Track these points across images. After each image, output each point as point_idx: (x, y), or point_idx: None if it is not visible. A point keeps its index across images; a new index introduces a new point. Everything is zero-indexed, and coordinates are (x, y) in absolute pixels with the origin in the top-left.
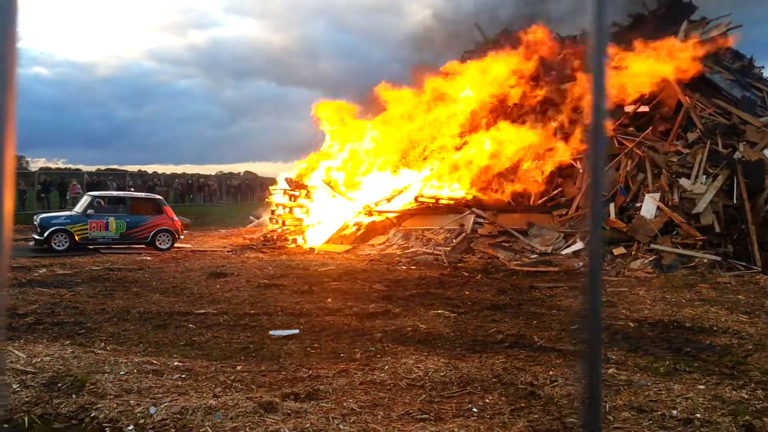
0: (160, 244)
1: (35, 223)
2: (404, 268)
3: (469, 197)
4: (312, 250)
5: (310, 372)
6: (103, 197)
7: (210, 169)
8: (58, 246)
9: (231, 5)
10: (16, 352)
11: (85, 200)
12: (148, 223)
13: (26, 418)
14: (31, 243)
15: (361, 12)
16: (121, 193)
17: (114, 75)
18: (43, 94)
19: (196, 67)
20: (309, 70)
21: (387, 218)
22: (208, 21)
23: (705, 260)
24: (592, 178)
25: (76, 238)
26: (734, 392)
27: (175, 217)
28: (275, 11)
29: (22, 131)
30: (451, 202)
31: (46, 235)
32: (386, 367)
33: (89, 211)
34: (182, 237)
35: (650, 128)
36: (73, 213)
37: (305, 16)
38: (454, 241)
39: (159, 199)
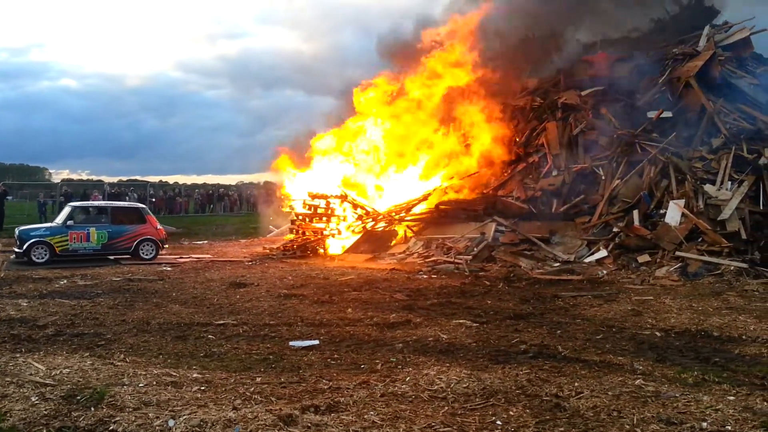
0: (143, 254)
1: (15, 235)
2: (425, 277)
3: (489, 200)
4: (332, 259)
5: (331, 383)
6: (84, 207)
7: (231, 179)
8: (38, 258)
9: (262, 15)
10: (36, 365)
11: (65, 211)
12: (131, 233)
13: None
14: (12, 256)
15: (391, 19)
16: (102, 203)
17: (143, 86)
18: (71, 106)
19: (225, 77)
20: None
21: (406, 226)
22: (238, 31)
23: (731, 267)
24: None
25: (57, 249)
26: (765, 403)
27: (159, 226)
28: (306, 20)
29: (48, 143)
30: (472, 206)
31: (25, 247)
32: (408, 378)
33: (69, 222)
34: (166, 246)
35: (674, 134)
36: (53, 224)
37: (336, 25)
38: (475, 249)
39: (142, 208)
